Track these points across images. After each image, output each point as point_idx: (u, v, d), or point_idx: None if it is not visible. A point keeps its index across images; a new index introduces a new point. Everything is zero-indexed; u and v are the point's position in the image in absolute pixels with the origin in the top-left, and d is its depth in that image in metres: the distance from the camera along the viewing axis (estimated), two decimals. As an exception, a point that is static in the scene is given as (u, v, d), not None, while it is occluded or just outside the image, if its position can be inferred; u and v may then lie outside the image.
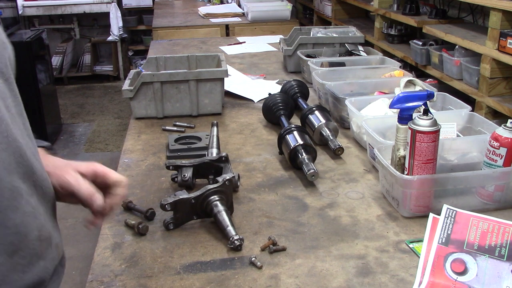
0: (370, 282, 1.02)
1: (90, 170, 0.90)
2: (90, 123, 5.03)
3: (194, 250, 1.13)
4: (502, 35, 2.35)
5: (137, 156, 1.62)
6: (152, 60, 2.15)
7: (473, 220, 1.02)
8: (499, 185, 1.24)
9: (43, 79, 4.26)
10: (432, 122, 1.17)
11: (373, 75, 2.08)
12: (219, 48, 3.15)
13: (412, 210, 1.23)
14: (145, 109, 1.91)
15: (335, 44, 2.50)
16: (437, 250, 1.01)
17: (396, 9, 3.58)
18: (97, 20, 6.40)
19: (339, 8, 4.72)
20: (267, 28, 4.21)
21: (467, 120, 1.56)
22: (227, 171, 1.36)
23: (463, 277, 0.97)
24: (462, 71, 2.73)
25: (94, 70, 6.32)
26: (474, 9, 3.15)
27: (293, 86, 1.94)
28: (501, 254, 0.97)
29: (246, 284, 1.02)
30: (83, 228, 1.02)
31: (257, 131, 1.81)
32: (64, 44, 6.20)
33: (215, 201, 1.19)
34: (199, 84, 1.89)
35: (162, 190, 1.40)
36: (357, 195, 1.35)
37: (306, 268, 1.06)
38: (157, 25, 4.22)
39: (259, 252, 1.12)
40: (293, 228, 1.21)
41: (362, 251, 1.12)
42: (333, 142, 1.56)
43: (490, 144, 1.23)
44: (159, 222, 1.23)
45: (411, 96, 1.23)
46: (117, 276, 1.05)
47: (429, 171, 1.20)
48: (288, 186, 1.41)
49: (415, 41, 3.18)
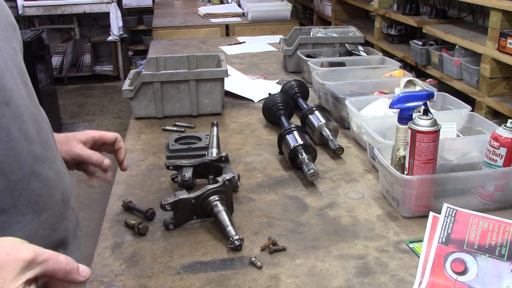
0: (370, 282, 1.02)
1: (90, 138, 1.06)
2: (90, 123, 5.03)
3: (194, 250, 1.13)
4: (502, 35, 2.35)
5: (137, 156, 1.62)
6: (152, 60, 2.15)
7: (474, 219, 1.02)
8: (499, 185, 1.24)
9: (43, 79, 4.26)
10: (432, 122, 1.17)
11: (373, 75, 2.08)
12: (219, 48, 3.15)
13: (412, 210, 1.23)
14: (145, 109, 1.91)
15: (335, 44, 2.50)
16: (437, 250, 1.00)
17: (396, 9, 3.58)
18: (97, 20, 6.40)
19: (339, 8, 4.72)
20: (267, 28, 4.21)
21: (467, 120, 1.56)
22: (227, 171, 1.36)
23: (463, 277, 0.97)
24: (462, 71, 2.74)
25: (94, 70, 6.32)
26: (474, 9, 3.15)
27: (293, 86, 1.94)
28: (501, 253, 0.97)
29: (246, 284, 1.02)
30: (83, 229, 1.05)
31: (257, 131, 1.81)
32: (64, 44, 6.20)
33: (215, 201, 1.19)
34: (199, 84, 1.89)
35: (162, 190, 1.40)
36: (357, 195, 1.35)
37: (306, 268, 1.06)
38: (157, 25, 4.22)
39: (259, 252, 1.12)
40: (293, 228, 1.21)
41: (362, 251, 1.12)
42: (333, 142, 1.56)
43: (490, 144, 1.23)
44: (159, 222, 1.23)
45: (411, 96, 1.23)
46: (117, 276, 1.05)
47: (429, 171, 1.20)
48: (288, 186, 1.41)
49: (415, 41, 3.18)
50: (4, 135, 0.77)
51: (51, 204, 0.86)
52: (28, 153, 0.81)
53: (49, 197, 0.86)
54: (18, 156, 0.80)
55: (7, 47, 0.84)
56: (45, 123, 0.90)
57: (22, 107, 0.81)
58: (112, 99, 5.74)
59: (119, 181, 1.45)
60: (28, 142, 0.82)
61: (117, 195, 1.37)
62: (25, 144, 0.81)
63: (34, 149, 0.83)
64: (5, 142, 0.77)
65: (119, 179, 1.46)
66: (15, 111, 0.79)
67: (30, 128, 0.83)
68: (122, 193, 1.39)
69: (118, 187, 1.42)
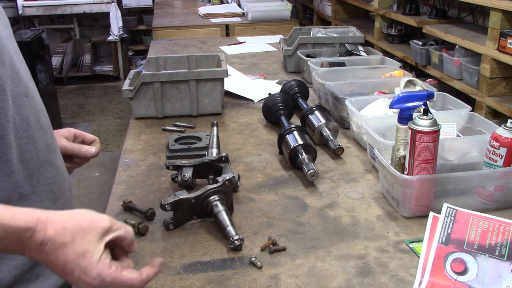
0: (370, 282, 1.02)
1: (72, 134, 1.11)
2: (90, 123, 5.03)
3: (194, 250, 1.13)
4: (502, 35, 2.35)
5: (137, 156, 1.62)
6: (152, 60, 2.15)
7: (474, 219, 1.02)
8: (499, 185, 1.24)
9: (43, 79, 4.26)
10: (432, 122, 1.17)
11: (373, 75, 2.08)
12: (219, 48, 3.15)
13: (412, 210, 1.23)
14: (145, 109, 1.91)
15: (335, 44, 2.50)
16: (437, 250, 1.00)
17: (396, 9, 3.58)
18: (97, 20, 6.40)
19: (339, 8, 4.72)
20: (267, 28, 4.20)
21: (467, 120, 1.56)
22: (227, 171, 1.36)
23: (463, 277, 0.97)
24: (462, 71, 2.73)
25: (94, 70, 6.32)
26: (474, 9, 3.15)
27: (293, 86, 1.94)
28: (501, 253, 0.97)
29: (246, 284, 1.02)
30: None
31: (257, 131, 1.81)
32: (64, 44, 6.20)
33: (215, 201, 1.19)
34: (199, 84, 1.89)
35: (162, 190, 1.40)
36: (357, 195, 1.35)
37: (306, 268, 1.06)
38: (157, 25, 4.22)
39: (259, 252, 1.12)
40: (293, 228, 1.21)
41: (362, 251, 1.12)
42: (333, 142, 1.56)
43: (490, 144, 1.23)
44: (159, 222, 1.23)
45: (411, 96, 1.23)
46: (117, 276, 1.05)
47: (429, 171, 1.20)
48: (288, 186, 1.41)
49: (415, 41, 3.18)
50: (25, 124, 0.83)
51: (63, 191, 0.93)
52: (42, 142, 0.87)
53: (61, 184, 0.92)
54: (35, 144, 0.85)
55: (14, 44, 0.88)
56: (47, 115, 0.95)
57: (36, 98, 0.88)
58: (112, 99, 5.74)
59: (119, 181, 1.46)
60: (42, 131, 0.87)
61: (117, 195, 1.37)
62: (40, 133, 0.86)
63: (47, 139, 0.89)
64: (26, 131, 0.83)
65: (119, 179, 1.46)
66: (32, 101, 0.86)
67: (43, 119, 0.89)
68: (122, 193, 1.39)
69: (118, 187, 1.42)
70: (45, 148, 0.88)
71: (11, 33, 0.90)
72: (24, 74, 0.85)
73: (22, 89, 0.83)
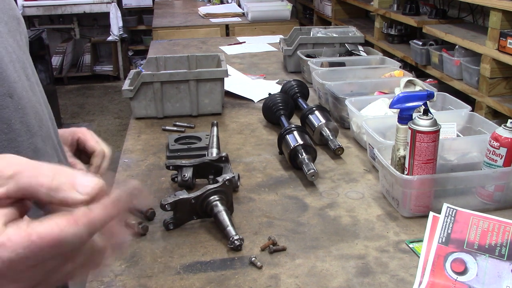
0: (370, 282, 1.02)
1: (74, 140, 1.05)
2: (90, 123, 5.03)
3: (194, 250, 1.13)
4: (502, 35, 2.35)
5: (137, 156, 1.62)
6: (152, 60, 2.15)
7: (474, 219, 1.02)
8: (499, 185, 1.24)
9: (43, 79, 4.26)
10: (432, 122, 1.17)
11: (373, 75, 2.08)
12: (219, 48, 3.15)
13: (412, 210, 1.23)
14: (145, 109, 1.91)
15: (335, 44, 2.50)
16: (437, 250, 1.00)
17: (396, 9, 3.58)
18: (97, 20, 6.40)
19: (339, 8, 4.72)
20: (267, 28, 4.21)
21: (467, 120, 1.56)
22: (227, 171, 1.36)
23: (463, 277, 0.97)
24: (462, 71, 2.74)
25: (94, 70, 6.32)
26: (474, 9, 3.15)
27: (293, 86, 1.94)
28: (501, 253, 0.97)
29: (246, 284, 1.02)
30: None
31: (257, 131, 1.81)
32: (64, 44, 6.20)
33: (215, 201, 1.19)
34: (199, 84, 1.89)
35: (162, 190, 1.40)
36: (357, 195, 1.35)
37: (306, 268, 1.06)
38: (157, 25, 4.22)
39: (259, 252, 1.12)
40: (293, 228, 1.21)
41: (362, 251, 1.12)
42: (333, 142, 1.56)
43: (490, 144, 1.23)
44: (159, 222, 1.23)
45: (411, 96, 1.23)
46: (117, 276, 1.05)
47: (429, 171, 1.20)
48: (288, 186, 1.41)
49: (415, 41, 3.18)
50: (5, 126, 0.78)
51: None
52: (28, 146, 0.82)
53: None
54: (18, 148, 0.80)
55: (11, 40, 0.85)
56: (47, 117, 0.91)
57: (25, 99, 0.82)
58: (112, 99, 5.74)
59: (119, 181, 1.45)
60: (30, 135, 0.82)
61: (117, 195, 1.37)
62: (26, 136, 0.81)
63: (35, 142, 0.83)
64: (6, 133, 0.78)
65: (119, 179, 1.46)
66: (17, 103, 0.80)
67: (32, 121, 0.84)
68: (122, 193, 1.38)
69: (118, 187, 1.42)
70: (31, 152, 0.82)
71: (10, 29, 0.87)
72: (11, 74, 0.80)
73: (6, 90, 0.78)
